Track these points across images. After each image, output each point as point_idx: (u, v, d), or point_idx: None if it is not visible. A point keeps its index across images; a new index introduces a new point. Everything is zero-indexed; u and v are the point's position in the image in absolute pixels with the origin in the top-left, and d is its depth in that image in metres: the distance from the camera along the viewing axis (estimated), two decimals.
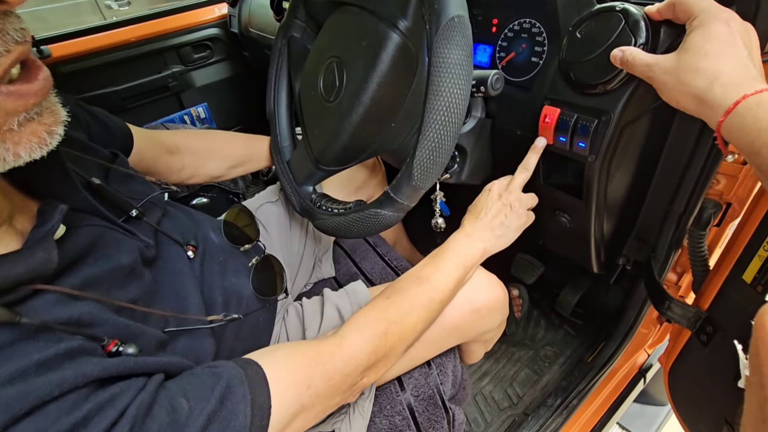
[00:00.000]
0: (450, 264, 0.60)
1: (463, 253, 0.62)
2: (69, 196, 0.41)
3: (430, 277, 0.59)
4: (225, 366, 0.41)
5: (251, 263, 0.64)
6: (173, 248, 0.53)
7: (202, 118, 1.72)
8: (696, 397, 0.68)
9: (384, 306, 0.54)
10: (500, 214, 0.65)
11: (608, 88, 0.53)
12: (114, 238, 0.44)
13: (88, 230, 0.41)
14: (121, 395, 0.32)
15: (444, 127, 0.45)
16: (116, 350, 0.36)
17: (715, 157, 0.59)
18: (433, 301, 0.58)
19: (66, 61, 1.38)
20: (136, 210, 0.49)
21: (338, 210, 0.63)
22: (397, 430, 0.63)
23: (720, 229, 0.70)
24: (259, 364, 0.42)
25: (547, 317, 1.19)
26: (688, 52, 0.43)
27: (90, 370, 0.31)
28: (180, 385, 0.37)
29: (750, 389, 0.33)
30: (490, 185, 0.67)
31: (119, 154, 0.57)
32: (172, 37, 1.55)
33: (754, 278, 0.52)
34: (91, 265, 0.39)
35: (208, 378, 0.39)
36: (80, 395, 0.30)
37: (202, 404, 0.36)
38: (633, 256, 0.80)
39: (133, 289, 0.42)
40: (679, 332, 0.70)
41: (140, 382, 0.35)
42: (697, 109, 0.43)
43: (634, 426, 1.15)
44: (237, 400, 0.38)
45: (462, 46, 0.44)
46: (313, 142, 0.68)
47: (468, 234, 0.64)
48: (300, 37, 0.77)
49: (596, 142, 0.56)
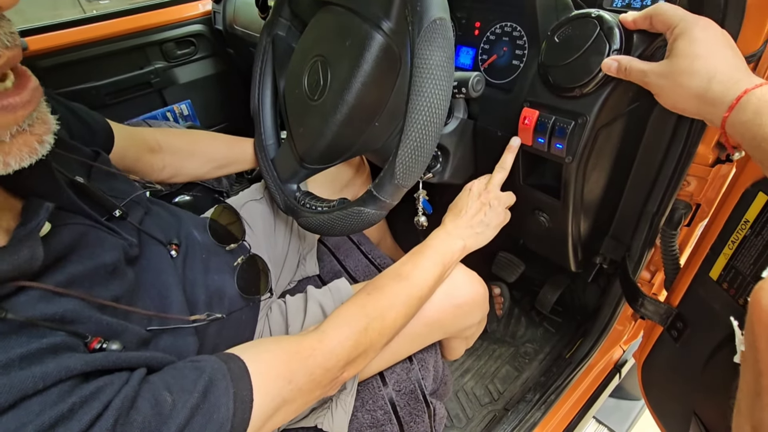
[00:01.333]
0: (429, 261, 0.61)
1: (443, 250, 0.63)
2: (54, 195, 0.41)
3: (410, 274, 0.60)
4: (207, 360, 0.41)
5: (236, 263, 0.64)
6: (156, 247, 0.53)
7: (186, 115, 1.70)
8: (667, 391, 0.70)
9: (364, 302, 0.55)
10: (479, 212, 0.66)
11: (584, 91, 0.55)
12: (97, 236, 0.44)
13: (72, 228, 0.41)
14: (105, 388, 0.32)
15: (426, 127, 0.47)
16: (100, 347, 0.36)
17: (686, 158, 0.62)
18: (413, 297, 0.59)
19: (44, 55, 1.34)
20: (119, 210, 0.49)
21: (322, 208, 0.64)
22: (379, 424, 0.64)
23: (690, 228, 0.73)
24: (241, 358, 0.43)
25: (528, 315, 1.21)
26: (679, 57, 0.45)
27: (73, 364, 0.32)
28: (163, 379, 0.37)
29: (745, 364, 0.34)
30: (470, 185, 0.69)
31: (101, 152, 0.56)
32: (155, 32, 1.52)
33: (719, 276, 0.54)
34: (75, 263, 0.39)
35: (191, 372, 0.39)
36: (64, 389, 0.31)
37: (185, 397, 0.36)
38: (609, 255, 0.82)
39: (115, 287, 0.42)
40: (652, 328, 0.73)
41: (124, 376, 0.35)
42: (699, 109, 0.45)
43: (609, 420, 1.19)
44: (219, 393, 0.38)
45: (443, 48, 0.45)
46: (298, 140, 0.68)
47: (448, 232, 0.65)
48: (285, 35, 0.77)
49: (573, 143, 0.58)
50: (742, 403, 0.35)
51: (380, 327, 0.54)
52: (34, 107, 0.32)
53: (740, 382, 0.35)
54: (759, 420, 0.32)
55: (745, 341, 0.33)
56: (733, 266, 0.52)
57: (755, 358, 0.32)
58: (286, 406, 0.45)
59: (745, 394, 0.34)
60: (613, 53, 0.52)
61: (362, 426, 0.63)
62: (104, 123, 0.66)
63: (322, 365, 0.48)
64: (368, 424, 0.63)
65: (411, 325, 0.63)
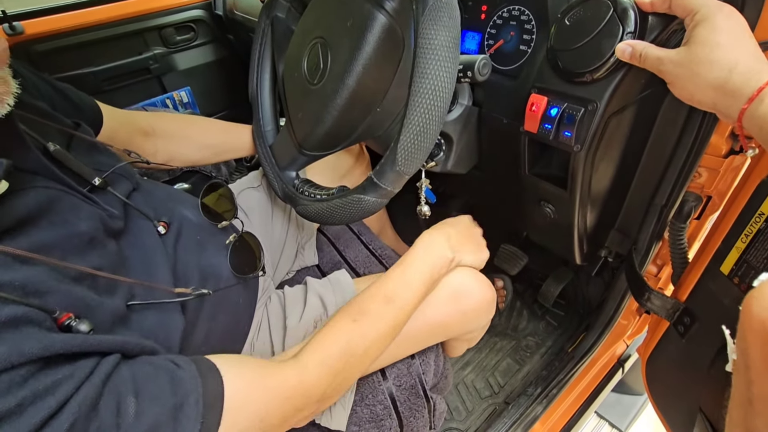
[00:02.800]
0: (417, 279, 0.58)
1: (432, 265, 0.60)
2: (17, 156, 0.38)
3: (399, 296, 0.56)
4: (186, 371, 0.38)
5: (228, 241, 0.63)
6: (143, 222, 0.51)
7: (185, 102, 1.67)
8: (672, 387, 0.69)
9: (350, 335, 0.52)
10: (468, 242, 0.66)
11: (595, 76, 0.53)
12: (71, 203, 0.41)
13: (40, 192, 0.38)
14: (63, 382, 0.29)
15: (429, 111, 0.44)
16: (67, 324, 0.33)
17: (698, 149, 0.60)
18: (399, 322, 0.57)
19: (40, 39, 1.32)
20: (98, 179, 0.47)
21: (321, 196, 0.62)
22: (378, 419, 0.62)
23: (700, 222, 0.71)
24: (221, 375, 0.39)
25: (530, 308, 1.20)
26: (698, 45, 0.43)
27: (29, 347, 0.28)
28: (133, 377, 0.34)
29: (737, 372, 0.34)
30: None
31: (82, 124, 0.54)
32: (154, 17, 1.49)
33: (731, 270, 0.52)
34: (43, 228, 0.37)
35: (165, 381, 0.36)
36: (16, 377, 0.27)
37: (151, 409, 0.33)
38: (615, 248, 0.81)
39: (94, 258, 0.39)
40: (658, 323, 0.71)
41: (88, 367, 0.31)
42: (716, 100, 0.43)
43: (611, 415, 1.18)
44: (188, 418, 0.35)
45: (449, 28, 0.43)
46: (297, 126, 0.66)
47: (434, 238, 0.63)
48: (284, 17, 0.75)
49: (582, 131, 0.55)
50: (734, 412, 0.35)
51: (361, 362, 0.52)
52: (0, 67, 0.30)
53: (732, 390, 0.35)
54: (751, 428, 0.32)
55: (736, 349, 0.33)
56: (745, 260, 0.50)
57: (747, 366, 0.31)
58: None
59: (737, 403, 0.34)
60: (627, 36, 0.50)
61: (361, 421, 0.62)
62: (91, 102, 0.64)
63: (297, 406, 0.45)
64: (367, 419, 0.62)
65: (414, 329, 0.61)
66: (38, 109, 0.49)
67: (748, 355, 0.31)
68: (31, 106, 0.48)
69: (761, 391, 0.30)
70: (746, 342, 0.31)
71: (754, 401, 0.31)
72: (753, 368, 0.31)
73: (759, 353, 0.30)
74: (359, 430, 0.62)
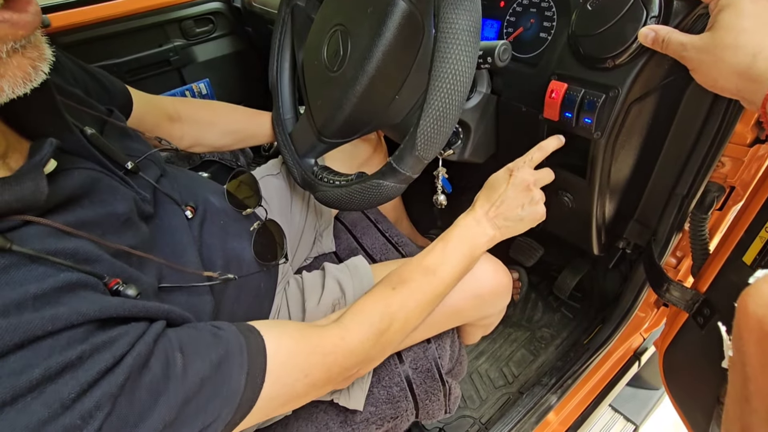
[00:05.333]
0: (458, 254, 0.58)
1: (472, 242, 0.59)
2: (62, 137, 0.40)
3: (438, 268, 0.57)
4: (228, 329, 0.40)
5: (252, 228, 0.64)
6: (170, 206, 0.52)
7: (204, 94, 1.70)
8: (690, 379, 0.68)
9: (389, 300, 0.53)
10: (517, 206, 0.60)
11: (617, 62, 0.52)
12: (110, 184, 0.43)
13: (83, 173, 0.40)
14: (119, 339, 0.31)
15: (449, 95, 0.45)
16: (116, 289, 0.35)
17: (722, 138, 0.58)
18: (438, 294, 0.57)
19: (66, 31, 1.35)
20: (131, 162, 0.49)
21: (339, 182, 0.63)
22: (395, 400, 0.64)
23: (722, 213, 0.69)
24: (261, 335, 0.42)
25: (545, 300, 1.19)
26: (723, 29, 0.42)
27: (86, 308, 0.30)
28: (179, 337, 0.36)
29: (733, 369, 0.35)
30: (512, 167, 0.61)
31: (115, 111, 0.56)
32: (174, 10, 1.52)
33: (754, 260, 0.52)
34: (86, 207, 0.38)
35: (210, 337, 0.38)
36: (76, 334, 0.29)
37: (198, 364, 0.35)
38: (633, 240, 0.80)
39: (129, 238, 0.41)
40: (676, 315, 0.71)
41: (140, 328, 0.34)
42: (739, 86, 0.43)
43: (625, 408, 1.17)
44: (233, 367, 0.37)
45: (470, 12, 0.43)
46: (316, 113, 0.67)
47: (478, 219, 0.60)
48: (304, 5, 0.75)
49: (602, 118, 0.55)
50: (730, 408, 0.35)
51: (402, 327, 0.53)
52: (32, 30, 0.31)
53: (728, 387, 0.35)
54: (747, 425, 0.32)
55: (732, 346, 0.33)
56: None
57: (743, 362, 0.32)
58: (296, 400, 0.44)
59: (734, 400, 0.34)
60: (651, 21, 0.49)
61: (378, 401, 0.63)
62: (122, 87, 0.66)
63: (341, 364, 0.47)
64: (384, 400, 0.63)
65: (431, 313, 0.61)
66: (74, 95, 0.50)
67: (744, 353, 0.31)
68: (67, 92, 0.50)
69: (757, 388, 0.30)
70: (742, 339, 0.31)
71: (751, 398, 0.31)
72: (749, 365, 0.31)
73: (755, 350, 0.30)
74: (376, 410, 0.63)
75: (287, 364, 0.42)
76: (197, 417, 0.34)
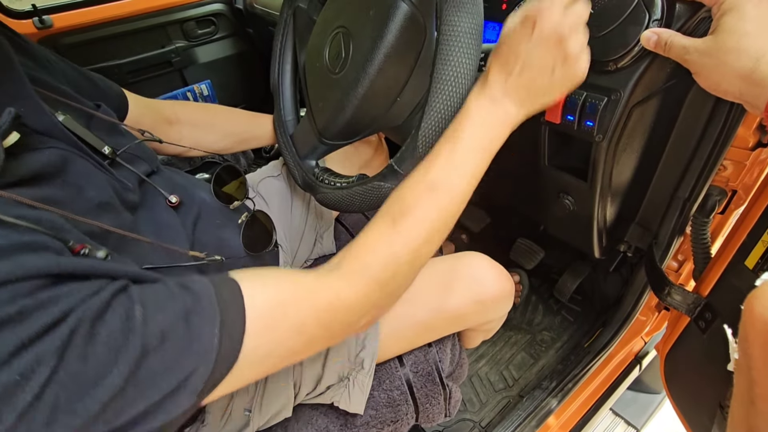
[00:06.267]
0: (471, 154, 0.45)
1: (489, 132, 0.45)
2: (33, 117, 0.39)
3: (446, 181, 0.45)
4: (199, 281, 0.36)
5: (240, 220, 0.64)
6: (158, 199, 0.52)
7: (206, 95, 1.70)
8: (691, 383, 0.68)
9: (391, 239, 0.44)
10: (546, 70, 0.44)
11: (619, 65, 0.52)
12: (85, 167, 0.42)
13: (54, 152, 0.39)
14: (70, 294, 0.29)
15: (451, 97, 0.45)
16: (83, 253, 0.32)
17: (724, 141, 0.58)
18: (451, 215, 0.46)
19: (68, 32, 1.36)
20: (107, 147, 0.47)
21: (341, 183, 0.63)
22: (395, 404, 0.63)
23: (724, 216, 0.69)
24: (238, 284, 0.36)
25: (546, 303, 1.19)
26: (726, 33, 0.42)
27: (33, 263, 0.28)
28: (142, 291, 0.33)
29: (739, 372, 0.35)
30: (534, 15, 0.43)
31: (102, 105, 0.55)
32: (176, 11, 1.53)
33: (756, 264, 0.52)
34: (55, 186, 0.37)
35: (177, 288, 0.34)
36: (20, 289, 0.27)
37: (159, 316, 0.31)
38: (635, 243, 0.80)
39: (106, 220, 0.39)
40: (677, 319, 0.70)
41: (96, 285, 0.30)
42: (741, 90, 0.43)
43: (626, 412, 1.17)
44: (203, 319, 0.33)
45: (472, 14, 0.43)
46: (317, 115, 0.67)
47: (493, 98, 0.45)
48: (306, 7, 0.75)
49: (604, 121, 0.55)
50: (736, 411, 0.35)
51: (410, 269, 0.45)
52: None
53: (734, 390, 0.35)
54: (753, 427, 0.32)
55: (738, 349, 0.34)
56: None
57: (748, 366, 0.32)
58: (293, 356, 0.40)
59: (739, 402, 0.34)
60: (653, 24, 0.49)
61: (378, 405, 0.63)
62: (118, 89, 0.65)
63: (341, 320, 0.41)
64: (384, 403, 0.63)
65: (432, 319, 0.60)
66: (60, 90, 0.50)
67: (750, 355, 0.31)
68: (52, 86, 0.49)
69: (763, 390, 0.30)
70: (748, 342, 0.31)
71: (756, 401, 0.31)
72: (755, 368, 0.31)
73: (761, 353, 0.30)
74: (376, 414, 0.63)
75: (272, 316, 0.37)
76: (166, 374, 0.31)
